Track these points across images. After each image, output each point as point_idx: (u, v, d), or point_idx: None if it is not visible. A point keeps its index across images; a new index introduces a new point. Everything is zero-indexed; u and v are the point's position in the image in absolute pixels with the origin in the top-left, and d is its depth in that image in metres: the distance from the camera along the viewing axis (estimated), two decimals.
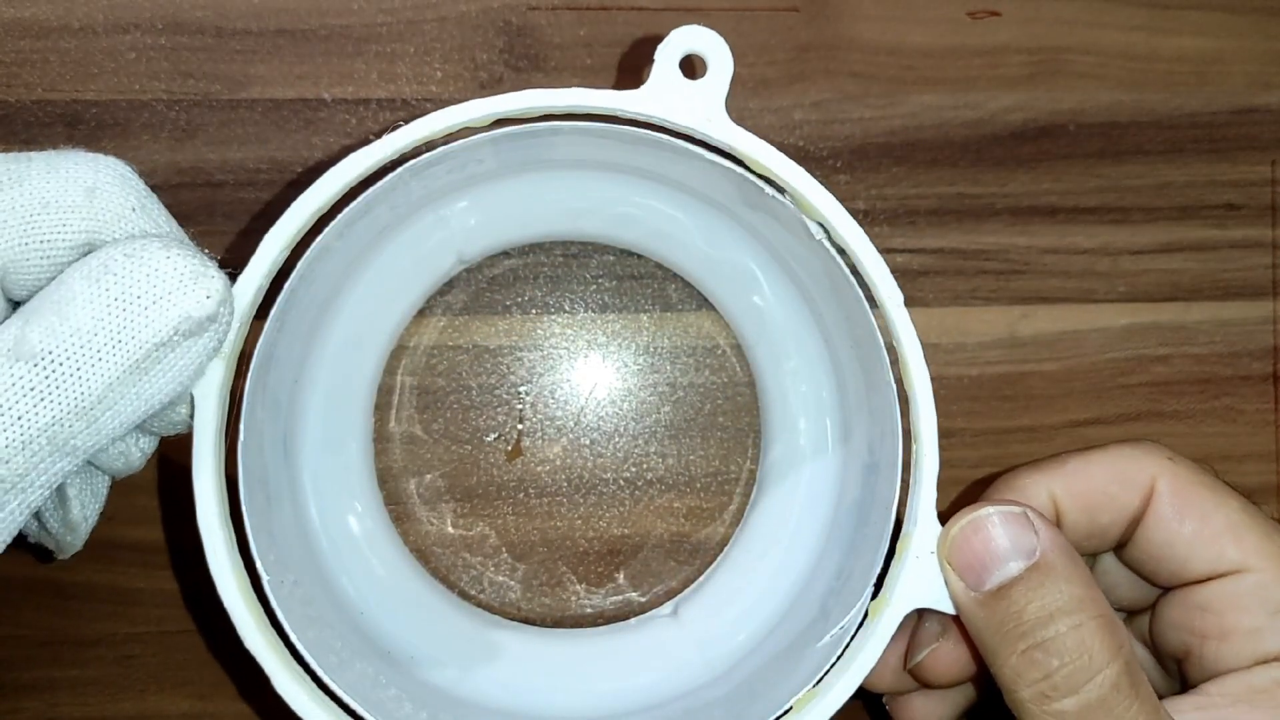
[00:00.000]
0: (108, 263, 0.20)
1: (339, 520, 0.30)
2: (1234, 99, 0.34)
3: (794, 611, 0.29)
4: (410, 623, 0.30)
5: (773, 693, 0.25)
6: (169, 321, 0.20)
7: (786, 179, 0.24)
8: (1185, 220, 0.34)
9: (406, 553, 0.32)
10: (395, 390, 0.32)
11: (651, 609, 0.33)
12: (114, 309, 0.20)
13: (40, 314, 0.20)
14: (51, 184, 0.21)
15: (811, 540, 0.30)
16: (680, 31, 0.24)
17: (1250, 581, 0.24)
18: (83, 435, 0.20)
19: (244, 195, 0.32)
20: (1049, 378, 0.34)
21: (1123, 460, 0.26)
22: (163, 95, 0.32)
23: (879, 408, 0.26)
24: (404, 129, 0.23)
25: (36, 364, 0.19)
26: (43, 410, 0.19)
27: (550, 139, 0.25)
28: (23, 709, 0.32)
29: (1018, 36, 0.33)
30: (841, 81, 0.33)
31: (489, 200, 0.30)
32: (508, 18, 0.32)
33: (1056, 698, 0.22)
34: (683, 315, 0.33)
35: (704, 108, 0.24)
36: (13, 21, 0.31)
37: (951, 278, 0.34)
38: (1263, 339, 0.35)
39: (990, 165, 0.34)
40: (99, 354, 0.20)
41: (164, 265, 0.20)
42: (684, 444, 0.33)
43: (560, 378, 0.33)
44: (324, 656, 0.24)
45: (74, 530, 0.24)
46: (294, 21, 0.32)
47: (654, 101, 0.24)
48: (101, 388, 0.20)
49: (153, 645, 0.32)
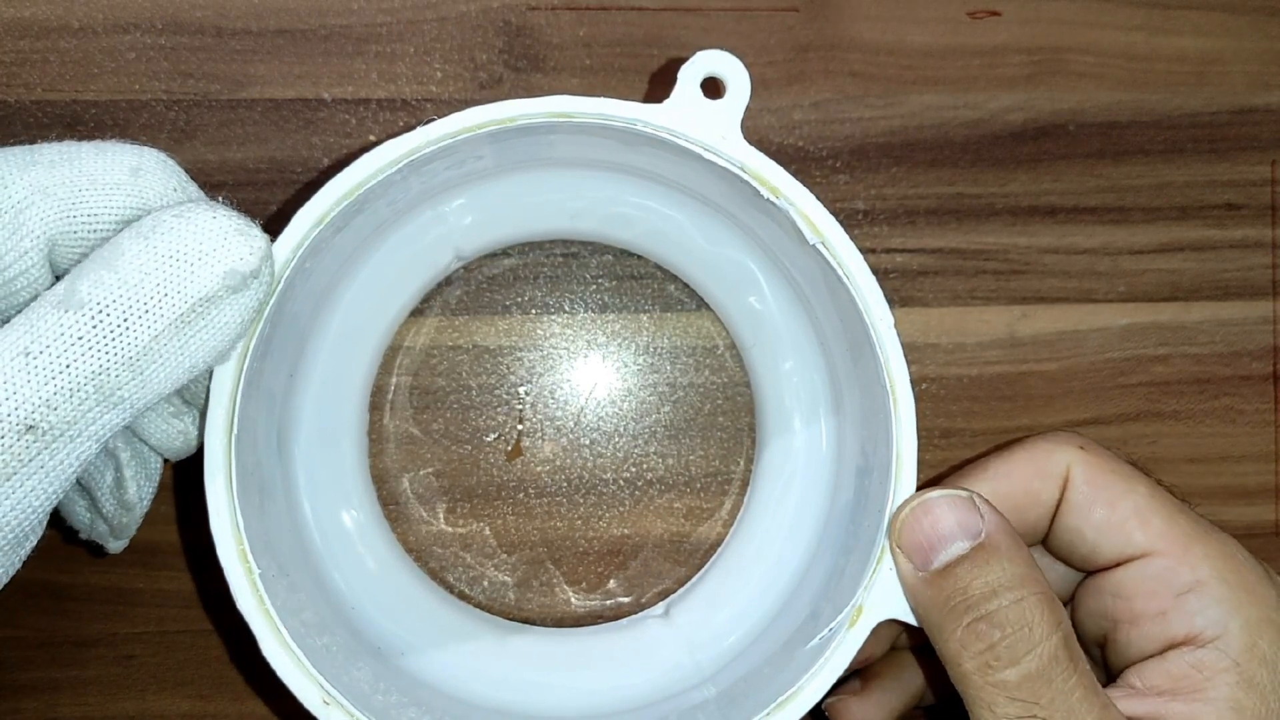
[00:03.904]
0: (157, 222, 0.21)
1: (332, 515, 0.30)
2: (1234, 99, 0.34)
3: (785, 613, 0.29)
4: (402, 618, 0.30)
5: (760, 694, 0.26)
6: (215, 275, 0.21)
7: (793, 199, 0.25)
8: (1185, 220, 0.34)
9: (400, 549, 0.32)
10: (394, 390, 0.32)
11: (644, 609, 0.33)
12: (162, 263, 0.20)
13: (90, 268, 0.20)
14: (99, 163, 0.22)
15: (805, 542, 0.30)
16: (704, 54, 0.25)
17: (1156, 565, 0.25)
18: (130, 386, 0.20)
19: (243, 195, 0.32)
20: (1048, 378, 0.34)
21: (1039, 455, 0.26)
22: (162, 95, 0.32)
23: (872, 411, 0.27)
24: (448, 119, 0.24)
25: (84, 312, 0.20)
26: (90, 358, 0.20)
27: (549, 137, 0.25)
28: (22, 709, 0.32)
29: (1017, 36, 0.33)
30: (841, 81, 0.33)
31: (486, 198, 0.30)
32: (507, 18, 0.32)
33: (999, 668, 0.23)
34: (683, 315, 0.33)
35: (721, 125, 0.25)
36: (13, 21, 0.31)
37: (951, 278, 0.34)
38: (1262, 339, 0.35)
39: (990, 165, 0.34)
40: (146, 305, 0.20)
41: (211, 223, 0.21)
42: (684, 444, 0.33)
43: (560, 378, 0.33)
44: (322, 660, 0.24)
45: (130, 510, 0.25)
46: (294, 21, 0.32)
47: (676, 116, 0.25)
48: (148, 338, 0.20)
49: (153, 645, 0.32)
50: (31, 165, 0.21)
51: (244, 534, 0.24)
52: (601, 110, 0.24)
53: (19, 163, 0.21)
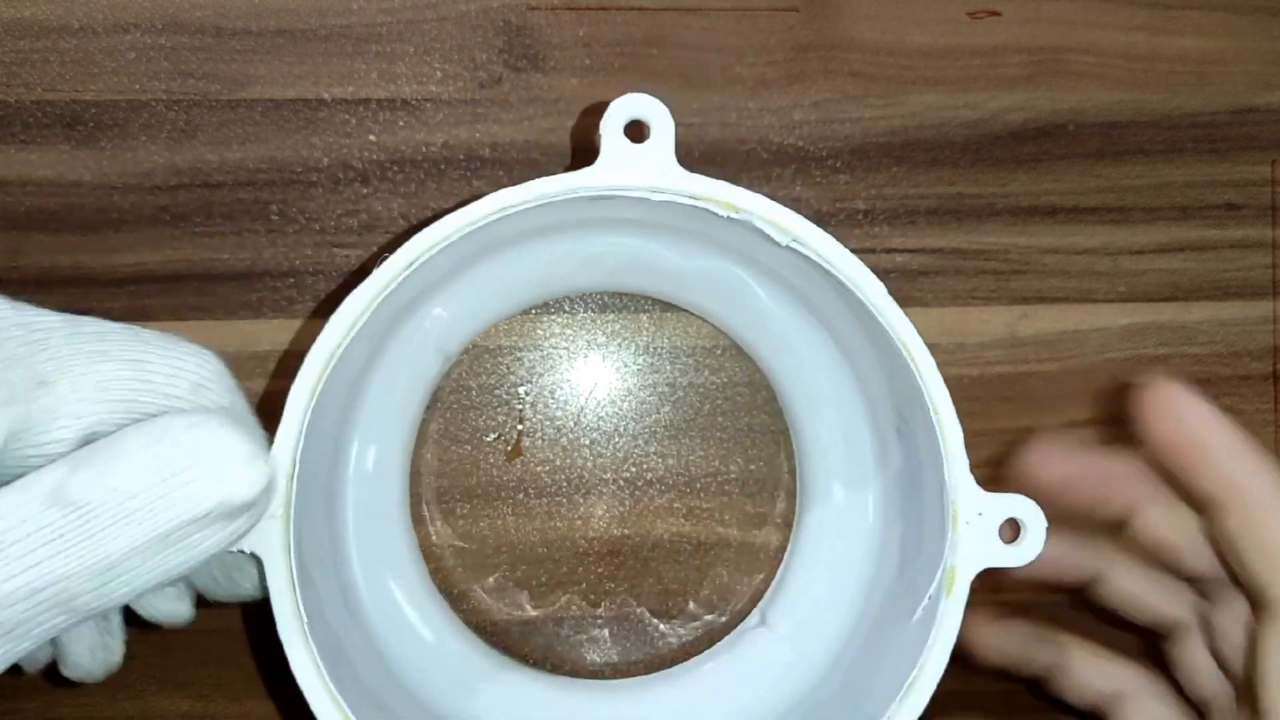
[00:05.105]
0: (166, 429, 0.20)
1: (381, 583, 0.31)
2: (1234, 99, 0.34)
3: (875, 589, 0.30)
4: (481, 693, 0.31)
5: (882, 680, 0.26)
6: (209, 502, 0.20)
7: (749, 208, 0.25)
8: (1185, 220, 0.34)
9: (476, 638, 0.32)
10: None
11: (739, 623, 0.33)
12: (161, 476, 0.19)
13: (88, 464, 0.19)
14: (164, 370, 0.22)
15: (866, 512, 0.31)
16: (617, 104, 0.25)
17: None
18: (89, 595, 0.19)
19: (243, 195, 0.32)
20: (1049, 378, 0.34)
21: None
22: (162, 95, 0.32)
23: (894, 371, 0.27)
24: (399, 253, 0.24)
25: (70, 513, 0.19)
26: (60, 561, 0.19)
27: (497, 224, 0.25)
28: (23, 709, 0.32)
29: (1017, 36, 0.33)
30: (841, 81, 0.33)
31: (455, 299, 0.30)
32: (507, 17, 0.32)
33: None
34: (683, 315, 0.33)
35: (656, 166, 0.25)
36: (13, 21, 0.31)
37: (951, 278, 0.34)
38: (1262, 339, 0.35)
39: (990, 165, 0.34)
40: (131, 517, 0.19)
41: (221, 443, 0.20)
42: (684, 444, 0.33)
43: (560, 378, 0.33)
44: None
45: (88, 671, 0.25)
46: (294, 21, 0.32)
47: (611, 173, 0.25)
48: (125, 550, 0.19)
49: (153, 645, 0.32)
50: (102, 360, 0.21)
51: None
52: (540, 192, 0.24)
53: (88, 355, 0.21)
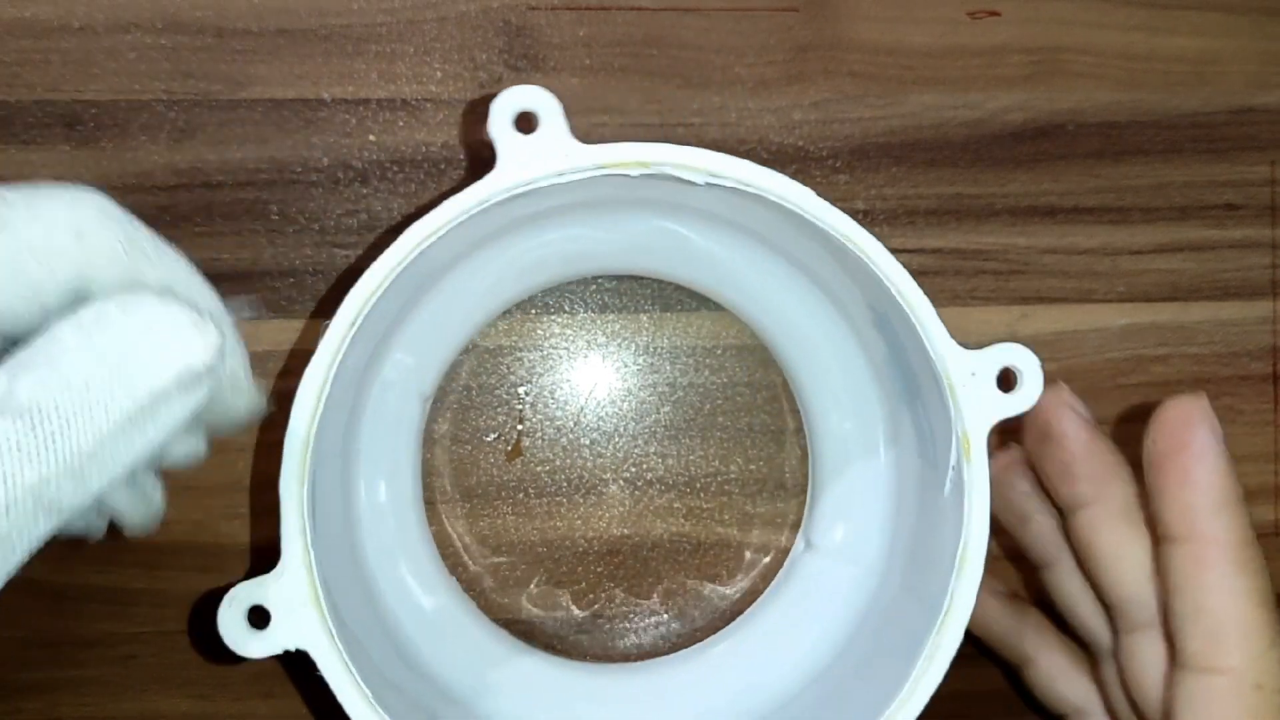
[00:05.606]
0: (101, 316, 0.19)
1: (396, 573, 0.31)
2: (1233, 99, 0.34)
3: (904, 479, 0.30)
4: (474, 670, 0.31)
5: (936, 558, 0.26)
6: (168, 375, 0.19)
7: (657, 159, 0.25)
8: (1184, 220, 0.34)
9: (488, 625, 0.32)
10: None
11: None
12: (109, 362, 0.19)
13: (30, 366, 0.19)
14: (36, 228, 0.20)
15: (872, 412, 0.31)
16: (499, 102, 0.24)
17: None
18: (70, 495, 0.19)
19: (243, 195, 0.32)
20: (1048, 378, 0.34)
21: None
22: (162, 95, 0.32)
23: (850, 268, 0.27)
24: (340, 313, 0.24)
25: (24, 419, 0.18)
26: (30, 469, 0.18)
27: (429, 252, 0.25)
28: (23, 709, 0.32)
29: (1017, 36, 0.33)
30: (841, 81, 0.33)
31: (417, 340, 0.30)
32: (507, 17, 0.32)
33: None
34: (683, 315, 0.33)
35: (556, 150, 0.24)
36: (13, 21, 0.31)
37: (951, 278, 0.34)
38: (1261, 339, 0.35)
39: (990, 165, 0.34)
40: (91, 409, 0.19)
41: (162, 318, 0.19)
42: (684, 444, 0.33)
43: (560, 378, 0.33)
44: None
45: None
46: (294, 21, 0.32)
47: (513, 171, 0.24)
48: (93, 444, 0.19)
49: (153, 645, 0.32)
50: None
51: None
52: (451, 214, 0.24)
53: None
